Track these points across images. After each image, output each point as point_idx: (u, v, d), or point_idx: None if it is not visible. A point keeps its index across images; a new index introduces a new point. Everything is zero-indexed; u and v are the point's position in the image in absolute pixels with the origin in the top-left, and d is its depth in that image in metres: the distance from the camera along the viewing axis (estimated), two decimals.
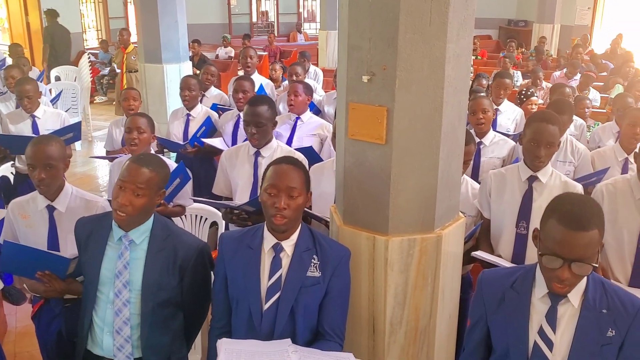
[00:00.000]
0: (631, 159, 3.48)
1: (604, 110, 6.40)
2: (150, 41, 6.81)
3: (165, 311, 2.26)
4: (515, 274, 1.87)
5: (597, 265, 1.69)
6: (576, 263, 1.64)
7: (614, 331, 1.74)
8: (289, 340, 1.99)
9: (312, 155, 3.55)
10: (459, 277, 2.51)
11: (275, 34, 15.19)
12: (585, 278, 1.77)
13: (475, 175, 3.61)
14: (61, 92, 7.74)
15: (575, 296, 1.77)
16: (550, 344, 1.76)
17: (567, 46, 13.07)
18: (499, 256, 2.73)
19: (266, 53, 12.02)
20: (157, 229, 2.26)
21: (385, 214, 2.26)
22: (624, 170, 3.58)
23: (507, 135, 4.02)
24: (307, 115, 4.40)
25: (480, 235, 2.91)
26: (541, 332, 1.77)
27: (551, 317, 1.77)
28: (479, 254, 2.53)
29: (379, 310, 2.32)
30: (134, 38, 9.23)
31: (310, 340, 2.13)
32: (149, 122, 3.39)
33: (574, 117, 4.58)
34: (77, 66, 10.10)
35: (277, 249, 2.12)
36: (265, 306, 2.08)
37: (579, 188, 2.76)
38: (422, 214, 2.29)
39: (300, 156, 3.23)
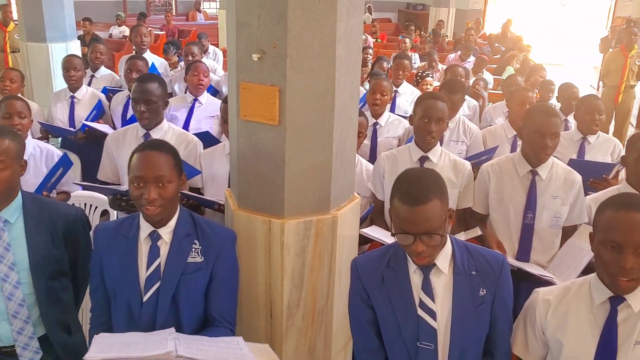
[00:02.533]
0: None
1: (497, 92, 6.69)
2: (32, 18, 6.32)
3: (57, 283, 2.20)
4: (388, 254, 1.89)
5: (443, 234, 1.75)
6: (425, 235, 1.70)
7: (485, 290, 1.83)
8: (172, 329, 1.88)
9: (210, 140, 3.43)
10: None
11: (174, 13, 14.66)
12: (450, 245, 1.84)
13: (373, 156, 3.66)
14: None
15: (444, 263, 1.82)
16: (433, 314, 1.80)
17: (462, 29, 13.56)
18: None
19: (163, 32, 11.57)
20: (29, 203, 2.17)
21: (281, 197, 2.22)
22: (514, 146, 3.75)
23: (406, 117, 4.09)
24: (205, 97, 4.25)
25: (373, 216, 2.95)
26: (422, 305, 1.81)
27: (427, 288, 1.81)
28: (367, 230, 2.55)
29: (276, 294, 2.29)
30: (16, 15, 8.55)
31: (198, 329, 2.06)
32: (27, 105, 3.14)
33: (468, 98, 4.77)
34: None
35: (154, 237, 2.02)
36: (145, 297, 1.99)
37: (467, 165, 2.87)
38: (317, 195, 2.27)
39: (193, 138, 3.13)
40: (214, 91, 5.13)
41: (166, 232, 2.03)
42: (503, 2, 16.54)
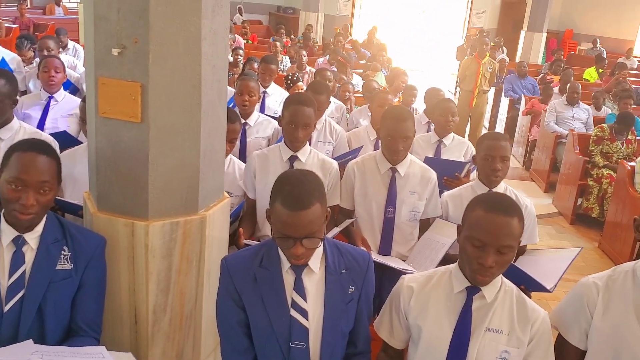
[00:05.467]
0: None
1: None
2: None
3: None
4: (260, 252, 1.88)
5: (322, 238, 1.78)
6: (306, 239, 1.72)
7: (353, 287, 1.89)
8: (30, 341, 1.76)
9: (67, 140, 3.22)
10: None
11: (29, 5, 13.60)
12: (322, 245, 1.87)
13: (242, 156, 3.64)
14: None
15: (316, 263, 1.85)
16: (305, 314, 1.82)
17: (331, 34, 13.95)
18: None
19: (16, 26, 10.69)
20: None
21: (144, 198, 2.14)
22: (376, 147, 3.90)
23: (276, 118, 4.11)
24: (61, 94, 3.98)
25: (244, 215, 2.94)
26: (294, 304, 1.82)
27: (299, 288, 1.83)
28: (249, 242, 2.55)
29: (141, 300, 2.20)
30: None
31: (62, 339, 1.94)
32: None
33: (336, 100, 4.91)
34: None
35: (19, 242, 1.87)
36: (6, 308, 1.83)
37: (334, 165, 2.96)
38: (184, 195, 2.22)
39: (48, 138, 2.91)
40: (74, 89, 4.83)
41: (32, 238, 1.88)
42: (369, 9, 17.24)
